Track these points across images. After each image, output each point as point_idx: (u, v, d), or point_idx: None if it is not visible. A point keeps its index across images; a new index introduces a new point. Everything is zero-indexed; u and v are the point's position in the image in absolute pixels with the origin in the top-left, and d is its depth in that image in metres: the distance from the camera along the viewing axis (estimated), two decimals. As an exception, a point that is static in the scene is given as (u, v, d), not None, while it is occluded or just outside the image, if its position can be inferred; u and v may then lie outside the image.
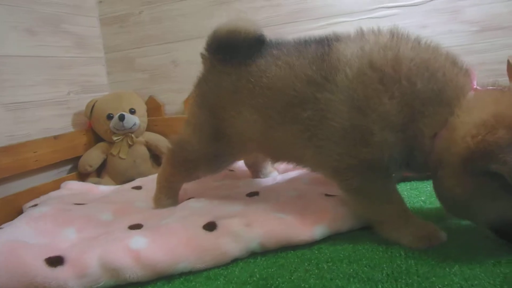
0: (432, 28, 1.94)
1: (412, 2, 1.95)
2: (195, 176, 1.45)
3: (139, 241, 1.04)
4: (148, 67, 2.28)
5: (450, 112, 0.92)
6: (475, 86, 0.95)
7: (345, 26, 2.01)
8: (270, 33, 1.30)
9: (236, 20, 1.27)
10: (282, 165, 1.82)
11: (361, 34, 1.07)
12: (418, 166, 1.02)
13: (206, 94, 1.32)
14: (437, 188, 0.98)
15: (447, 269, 0.87)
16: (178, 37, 2.21)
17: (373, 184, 1.06)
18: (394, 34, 1.02)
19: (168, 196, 1.44)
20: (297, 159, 1.23)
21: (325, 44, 1.10)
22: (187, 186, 1.51)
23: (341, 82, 1.01)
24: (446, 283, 0.81)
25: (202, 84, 1.35)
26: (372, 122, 0.96)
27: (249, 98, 1.20)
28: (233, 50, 1.25)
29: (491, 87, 0.96)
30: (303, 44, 1.16)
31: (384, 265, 0.92)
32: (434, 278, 0.84)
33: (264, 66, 1.18)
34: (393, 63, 0.95)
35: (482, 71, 1.86)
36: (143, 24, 2.25)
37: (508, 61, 1.56)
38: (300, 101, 1.09)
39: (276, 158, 1.33)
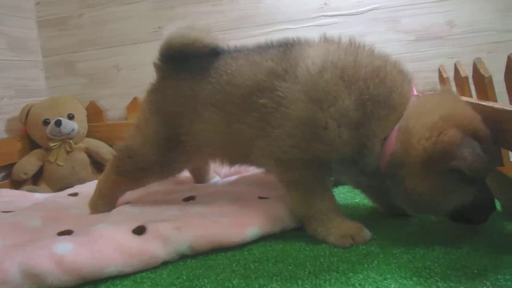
0: (372, 37, 2.00)
1: (352, 11, 2.02)
2: (142, 184, 1.42)
3: (64, 247, 1.01)
4: (89, 72, 2.23)
5: (398, 117, 1.00)
6: (415, 93, 1.04)
7: (288, 33, 2.04)
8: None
9: (189, 30, 1.27)
10: (224, 170, 1.82)
11: (324, 38, 1.15)
12: (365, 166, 1.05)
13: (161, 101, 1.31)
14: (396, 189, 1.01)
15: (365, 265, 0.90)
16: (121, 41, 2.18)
17: (311, 179, 1.09)
18: (352, 42, 1.10)
19: (106, 203, 1.40)
20: (250, 155, 1.22)
21: (288, 43, 1.17)
22: (126, 191, 1.48)
23: (301, 75, 1.06)
24: (361, 277, 0.85)
25: (157, 91, 1.34)
26: (330, 117, 1.00)
27: (208, 97, 1.21)
28: (187, 61, 1.26)
29: (430, 92, 1.05)
30: (264, 46, 1.22)
31: (308, 264, 0.94)
32: (351, 274, 0.87)
33: (224, 66, 1.21)
34: (352, 65, 1.02)
35: (417, 79, 1.94)
36: (84, 27, 2.21)
37: (439, 69, 1.63)
38: (258, 89, 1.12)
39: (232, 159, 1.32)
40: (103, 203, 1.40)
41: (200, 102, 1.22)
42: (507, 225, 1.06)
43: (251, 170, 1.65)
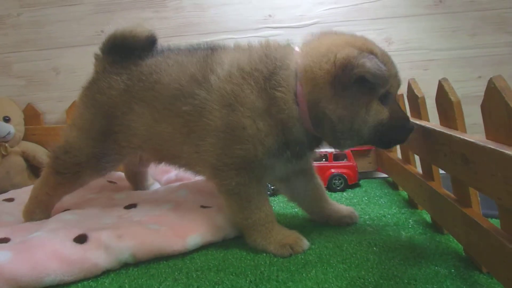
0: (312, 50, 2.07)
1: (295, 24, 2.08)
2: (81, 182, 1.40)
3: (3, 255, 0.99)
4: (26, 73, 2.14)
5: (292, 72, 1.07)
6: (296, 49, 1.13)
7: (231, 43, 2.06)
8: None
9: (132, 25, 1.34)
10: (165, 177, 1.82)
11: (237, 45, 1.24)
12: (296, 141, 1.10)
13: (95, 94, 1.33)
14: (325, 131, 1.07)
15: (304, 274, 0.95)
16: (61, 44, 2.11)
17: (247, 187, 1.12)
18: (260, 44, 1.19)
19: (43, 210, 1.38)
20: (177, 157, 1.28)
21: (210, 48, 1.26)
22: (64, 197, 1.44)
23: (214, 82, 1.14)
24: (300, 286, 0.89)
25: (92, 85, 1.36)
26: (243, 116, 1.07)
27: (139, 93, 1.27)
28: (124, 57, 1.32)
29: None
30: (194, 48, 1.29)
31: (249, 273, 0.97)
32: (290, 283, 0.91)
33: (155, 64, 1.28)
34: (247, 61, 1.12)
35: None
36: (22, 27, 2.12)
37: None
38: (182, 95, 1.19)
39: (159, 157, 1.36)
40: (40, 210, 1.37)
41: (133, 97, 1.28)
42: (435, 236, 1.14)
43: (193, 178, 1.67)
